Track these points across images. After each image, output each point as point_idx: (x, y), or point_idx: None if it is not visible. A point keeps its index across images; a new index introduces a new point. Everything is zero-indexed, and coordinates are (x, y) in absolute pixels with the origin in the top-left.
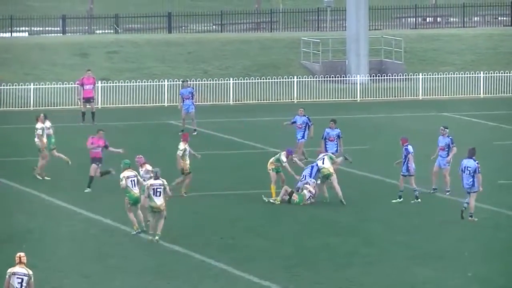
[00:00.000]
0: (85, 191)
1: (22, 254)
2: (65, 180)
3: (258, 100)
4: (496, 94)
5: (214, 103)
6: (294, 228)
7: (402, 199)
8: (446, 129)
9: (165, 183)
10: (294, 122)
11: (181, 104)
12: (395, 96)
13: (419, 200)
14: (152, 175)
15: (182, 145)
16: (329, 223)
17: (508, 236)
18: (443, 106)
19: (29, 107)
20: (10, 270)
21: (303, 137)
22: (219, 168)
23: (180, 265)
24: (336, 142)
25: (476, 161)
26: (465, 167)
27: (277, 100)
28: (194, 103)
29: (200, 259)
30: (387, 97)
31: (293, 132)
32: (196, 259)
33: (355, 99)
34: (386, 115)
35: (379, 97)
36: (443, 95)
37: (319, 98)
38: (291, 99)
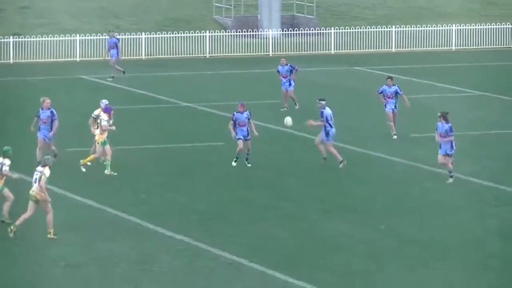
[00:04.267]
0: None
1: None
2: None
3: (170, 55)
4: (408, 48)
5: (127, 57)
6: (207, 183)
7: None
8: None
9: (45, 173)
10: (278, 72)
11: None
12: (307, 51)
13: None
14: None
15: None
16: (243, 178)
17: (420, 189)
18: (355, 60)
19: None
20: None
21: (290, 84)
22: (134, 123)
23: (94, 219)
24: (394, 100)
25: None
26: None
27: (189, 54)
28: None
29: (114, 213)
30: (299, 51)
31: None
32: (109, 213)
33: (267, 53)
34: (299, 70)
35: (291, 52)
36: (355, 50)
37: (231, 53)
38: (203, 54)
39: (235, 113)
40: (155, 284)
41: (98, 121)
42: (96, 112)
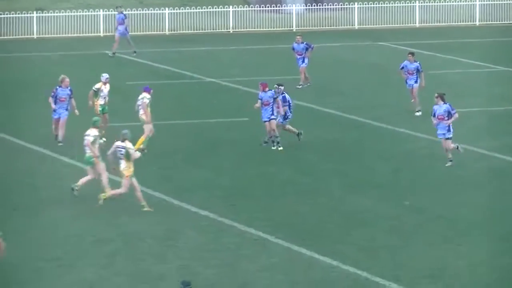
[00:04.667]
0: None
1: None
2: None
3: (193, 30)
4: (432, 23)
5: (150, 32)
6: (232, 158)
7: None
8: None
9: (129, 146)
10: (293, 49)
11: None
12: (331, 26)
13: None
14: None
15: None
16: (266, 153)
17: (444, 165)
18: (378, 35)
19: None
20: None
21: (303, 61)
22: (158, 99)
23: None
24: (416, 75)
25: None
26: None
27: (213, 29)
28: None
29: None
30: (323, 26)
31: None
32: None
33: (291, 28)
34: (322, 45)
35: (315, 27)
36: (379, 25)
37: (255, 28)
38: (227, 29)
39: (259, 92)
40: (181, 260)
41: (140, 102)
42: (97, 85)
